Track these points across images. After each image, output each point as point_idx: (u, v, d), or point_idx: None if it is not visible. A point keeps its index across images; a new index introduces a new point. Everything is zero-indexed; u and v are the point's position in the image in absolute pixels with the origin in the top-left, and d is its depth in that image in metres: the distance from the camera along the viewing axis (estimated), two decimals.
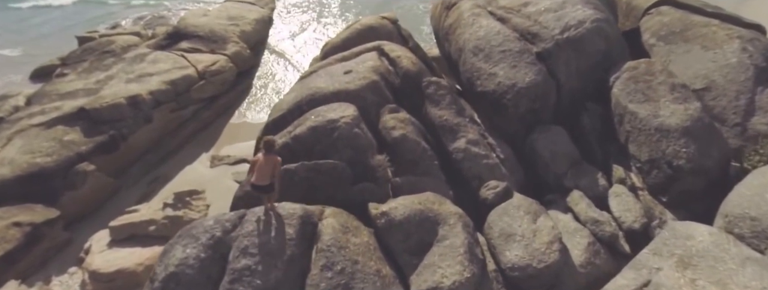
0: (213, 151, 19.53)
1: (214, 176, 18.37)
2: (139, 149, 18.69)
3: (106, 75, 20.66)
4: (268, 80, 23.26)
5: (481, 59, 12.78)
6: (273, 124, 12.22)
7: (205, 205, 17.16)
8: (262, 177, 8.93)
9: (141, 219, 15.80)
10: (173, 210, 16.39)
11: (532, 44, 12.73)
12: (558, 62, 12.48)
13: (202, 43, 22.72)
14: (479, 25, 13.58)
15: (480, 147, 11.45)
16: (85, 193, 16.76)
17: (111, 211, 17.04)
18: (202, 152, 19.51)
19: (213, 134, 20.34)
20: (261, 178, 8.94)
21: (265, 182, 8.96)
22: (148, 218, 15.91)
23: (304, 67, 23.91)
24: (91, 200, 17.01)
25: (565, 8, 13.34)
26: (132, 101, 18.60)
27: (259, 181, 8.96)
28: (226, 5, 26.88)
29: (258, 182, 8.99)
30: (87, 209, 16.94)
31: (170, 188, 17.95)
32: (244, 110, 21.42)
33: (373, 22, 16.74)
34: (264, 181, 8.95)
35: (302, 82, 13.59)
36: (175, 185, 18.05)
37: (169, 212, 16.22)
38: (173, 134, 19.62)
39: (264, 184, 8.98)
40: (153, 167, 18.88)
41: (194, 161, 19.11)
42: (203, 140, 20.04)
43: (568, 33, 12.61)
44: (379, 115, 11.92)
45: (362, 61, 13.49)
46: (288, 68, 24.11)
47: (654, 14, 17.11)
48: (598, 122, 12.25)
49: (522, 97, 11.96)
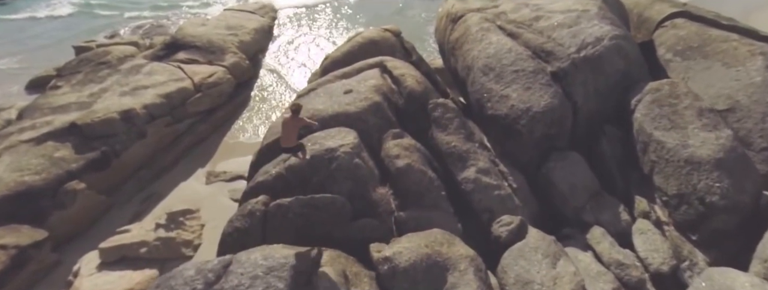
0: (209, 166, 18.20)
1: (210, 194, 17.08)
2: (132, 166, 17.37)
3: (100, 88, 19.32)
4: (268, 92, 21.87)
5: (492, 79, 11.41)
6: (267, 149, 10.92)
7: (200, 225, 15.91)
8: (287, 140, 9.05)
9: (132, 241, 14.71)
10: (166, 231, 15.19)
11: (547, 63, 11.36)
12: (575, 83, 11.11)
13: (199, 53, 21.37)
14: (489, 41, 12.20)
15: (491, 176, 10.11)
16: (75, 212, 15.48)
17: (102, 231, 15.78)
18: (198, 167, 18.18)
19: (209, 148, 18.99)
20: (287, 140, 9.06)
21: (291, 144, 9.10)
22: (140, 239, 14.79)
23: (304, 79, 22.61)
24: (81, 220, 15.71)
25: (580, 23, 11.98)
26: (125, 115, 17.29)
27: (285, 143, 9.12)
28: (226, 14, 25.50)
29: (285, 144, 9.15)
30: (77, 230, 15.65)
31: (164, 207, 16.68)
32: (240, 127, 19.98)
33: (374, 35, 15.41)
34: (290, 143, 9.08)
35: (300, 101, 12.27)
36: (169, 203, 16.78)
37: (162, 234, 15.04)
38: (168, 149, 18.29)
39: (290, 146, 9.14)
40: (146, 183, 17.55)
41: (189, 178, 17.79)
42: (199, 155, 18.70)
43: (585, 51, 11.25)
44: (382, 140, 10.62)
45: (364, 79, 12.17)
46: (287, 80, 22.71)
47: (668, 27, 15.76)
48: (619, 148, 10.91)
49: (537, 122, 10.59)
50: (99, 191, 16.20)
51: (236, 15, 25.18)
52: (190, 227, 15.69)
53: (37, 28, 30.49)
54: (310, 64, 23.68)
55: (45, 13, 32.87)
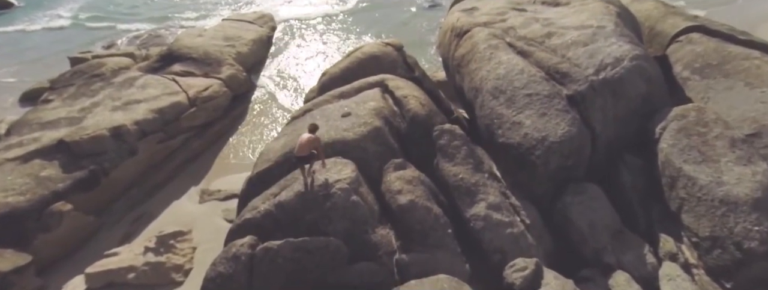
0: (203, 184, 16.97)
1: (203, 214, 15.86)
2: (122, 184, 16.16)
3: (92, 102, 18.09)
4: (265, 105, 20.64)
5: (503, 104, 10.15)
6: (258, 178, 9.72)
7: (191, 248, 14.72)
8: (301, 150, 9.13)
9: (119, 265, 13.68)
10: (155, 255, 14.05)
11: (562, 85, 10.11)
12: (593, 108, 9.85)
13: (195, 65, 20.14)
14: (498, 60, 10.94)
15: (502, 212, 8.88)
16: (61, 235, 14.30)
17: (89, 254, 14.62)
18: (191, 185, 16.94)
19: (203, 165, 17.75)
20: (301, 151, 9.14)
21: (304, 153, 9.18)
22: (128, 264, 13.75)
23: (302, 91, 21.38)
24: (67, 243, 14.53)
25: (596, 41, 10.74)
26: (115, 132, 16.07)
27: (299, 153, 9.17)
28: (224, 24, 24.23)
29: (299, 154, 9.19)
30: (63, 253, 14.48)
31: (155, 227, 15.49)
32: (236, 143, 18.69)
33: (375, 50, 14.18)
34: (303, 153, 9.16)
35: (294, 124, 11.04)
36: (161, 224, 15.58)
37: (151, 258, 13.93)
38: (160, 166, 17.06)
39: (303, 155, 9.18)
40: (137, 203, 16.32)
41: (182, 196, 16.56)
42: (192, 172, 17.46)
43: (604, 73, 10.00)
44: (383, 171, 9.42)
45: (363, 100, 10.95)
46: (285, 93, 21.47)
47: (684, 42, 14.51)
48: (640, 179, 9.68)
49: (553, 153, 9.31)
50: (87, 212, 15.02)
51: (234, 25, 23.93)
52: (181, 250, 14.52)
53: (32, 40, 29.10)
54: (309, 76, 22.39)
55: (40, 25, 31.40)
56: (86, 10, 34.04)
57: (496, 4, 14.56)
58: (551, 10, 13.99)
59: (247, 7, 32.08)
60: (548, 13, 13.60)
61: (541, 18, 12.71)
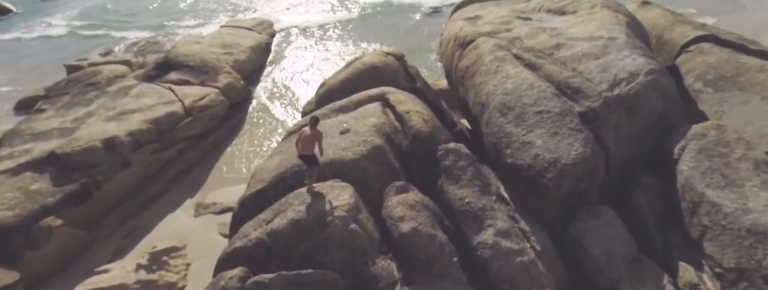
0: (198, 197, 16.18)
1: (198, 228, 15.09)
2: (115, 197, 15.39)
3: (86, 111, 17.34)
4: (263, 114, 19.85)
5: (512, 121, 9.38)
6: (251, 200, 8.96)
7: (185, 264, 13.96)
8: (306, 148, 8.67)
9: (110, 284, 12.93)
10: (147, 273, 13.29)
11: (574, 101, 9.33)
12: (607, 126, 9.07)
13: (192, 74, 19.38)
14: (505, 74, 10.17)
15: (511, 239, 8.12)
16: (51, 251, 13.56)
17: (80, 270, 13.86)
18: (186, 197, 16.16)
19: (199, 176, 16.96)
20: (306, 148, 8.67)
21: (310, 152, 8.68)
22: (119, 282, 13.00)
23: (301, 99, 20.61)
24: (57, 259, 13.78)
25: (608, 54, 9.97)
26: (108, 143, 15.32)
27: (304, 151, 8.69)
28: (222, 31, 23.45)
29: (304, 152, 8.71)
30: (53, 269, 13.72)
31: (149, 242, 14.73)
32: (233, 153, 17.87)
33: (375, 61, 13.41)
34: (309, 151, 8.66)
35: (290, 141, 10.26)
36: (154, 238, 14.82)
37: (143, 276, 13.18)
38: (154, 178, 16.28)
39: (309, 154, 8.68)
40: (130, 216, 15.54)
41: (176, 209, 15.77)
42: (188, 184, 16.68)
43: (618, 89, 9.23)
44: (383, 193, 8.66)
45: (363, 115, 10.19)
46: (283, 103, 20.66)
47: (694, 52, 13.75)
48: (657, 202, 8.92)
49: (566, 175, 8.50)
50: (78, 226, 14.28)
51: (232, 32, 23.16)
52: (174, 267, 13.77)
53: (29, 47, 28.16)
54: (307, 85, 21.60)
55: (37, 33, 30.37)
56: (84, 16, 33.11)
57: (500, 12, 13.82)
58: (557, 18, 13.25)
59: (247, 14, 31.27)
60: (554, 22, 12.85)
61: (547, 28, 11.95)
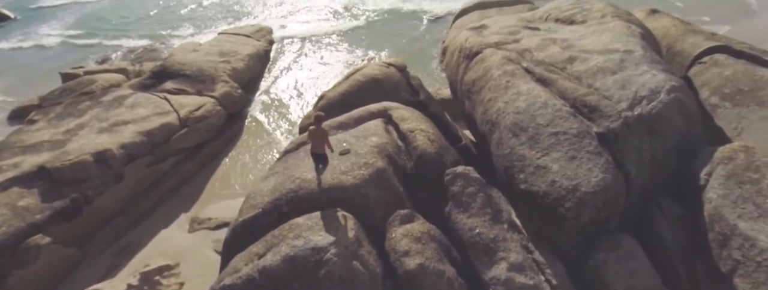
0: (193, 211, 15.30)
1: (192, 245, 14.21)
2: (106, 213, 14.51)
3: (78, 123, 16.46)
4: (261, 124, 18.97)
5: (525, 143, 8.48)
6: (243, 228, 8.09)
7: (178, 283, 13.12)
8: (318, 146, 8.69)
9: None
10: None
11: (591, 121, 8.46)
12: (627, 149, 8.18)
13: (188, 83, 18.52)
14: (516, 90, 9.28)
15: (525, 273, 7.27)
16: (39, 271, 12.71)
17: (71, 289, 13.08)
18: (181, 212, 15.27)
19: (194, 189, 16.08)
20: (318, 147, 8.70)
21: (322, 150, 8.73)
22: None
23: (300, 108, 19.75)
24: (45, 279, 12.93)
25: (626, 69, 9.11)
26: (99, 157, 14.45)
27: (317, 150, 8.74)
28: (220, 38, 22.57)
29: (316, 151, 8.76)
30: (42, 289, 12.89)
31: (141, 259, 13.88)
32: (230, 165, 16.94)
33: (376, 72, 12.55)
34: (321, 150, 8.71)
35: (285, 161, 9.38)
36: (147, 256, 13.96)
37: None
38: (148, 191, 15.41)
39: (321, 152, 8.74)
40: (123, 232, 14.67)
41: (170, 225, 14.90)
42: (182, 198, 15.79)
43: (639, 108, 8.34)
44: (386, 219, 7.81)
45: (364, 134, 9.32)
46: (283, 111, 19.78)
47: (708, 64, 12.91)
48: (681, 231, 8.07)
49: (586, 205, 7.60)
50: (68, 243, 13.42)
51: (230, 39, 22.27)
52: (167, 286, 12.94)
53: (26, 55, 26.99)
54: (306, 94, 20.74)
55: (35, 41, 29.14)
56: (82, 23, 31.94)
57: (506, 22, 12.96)
58: (566, 28, 12.40)
59: (247, 20, 30.30)
60: (564, 32, 12.00)
61: (557, 39, 11.09)
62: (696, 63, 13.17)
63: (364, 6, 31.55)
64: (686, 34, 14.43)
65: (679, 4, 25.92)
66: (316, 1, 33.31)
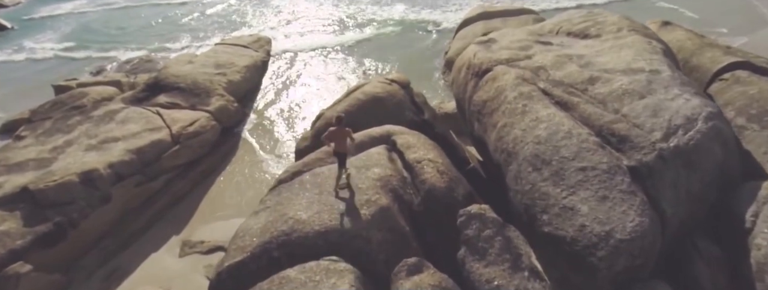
0: (185, 233, 14.12)
1: (182, 269, 13.07)
2: (93, 236, 13.37)
3: (66, 139, 15.31)
4: (258, 139, 17.84)
5: (548, 179, 7.31)
6: (228, 274, 6.96)
7: None
8: (341, 146, 8.40)
9: None
10: None
11: (620, 152, 7.31)
12: (663, 185, 7.04)
13: (182, 96, 17.38)
14: (535, 115, 8.12)
15: None
16: None
17: None
18: (172, 234, 14.09)
19: (186, 210, 14.88)
20: (341, 146, 8.40)
21: (345, 149, 8.45)
22: None
23: (297, 125, 18.61)
24: None
25: (655, 92, 7.98)
26: (86, 177, 13.29)
27: (340, 149, 8.43)
28: (216, 49, 21.40)
29: (340, 150, 8.44)
30: None
31: (130, 285, 12.76)
32: (224, 183, 15.73)
33: (378, 91, 11.42)
34: (343, 148, 8.42)
35: (278, 193, 8.23)
36: (136, 281, 12.84)
37: None
38: (137, 212, 14.28)
39: (345, 151, 8.44)
40: (110, 255, 13.50)
41: (161, 248, 13.72)
42: (174, 219, 14.60)
43: (675, 139, 7.22)
44: (390, 265, 6.69)
45: (365, 164, 8.19)
46: (281, 124, 18.67)
47: (730, 82, 11.79)
48: (719, 274, 6.97)
49: (621, 254, 6.45)
50: (51, 269, 12.29)
51: (227, 50, 21.13)
52: None
53: (21, 67, 25.70)
54: (305, 107, 19.57)
55: (29, 53, 27.65)
56: (78, 34, 30.61)
57: (516, 35, 11.87)
58: (580, 43, 11.30)
59: (246, 30, 29.04)
60: (578, 47, 10.90)
61: (573, 55, 9.99)
62: (716, 80, 12.09)
63: (365, 15, 30.48)
64: (703, 48, 13.34)
65: (693, 15, 24.73)
66: (315, 11, 32.24)
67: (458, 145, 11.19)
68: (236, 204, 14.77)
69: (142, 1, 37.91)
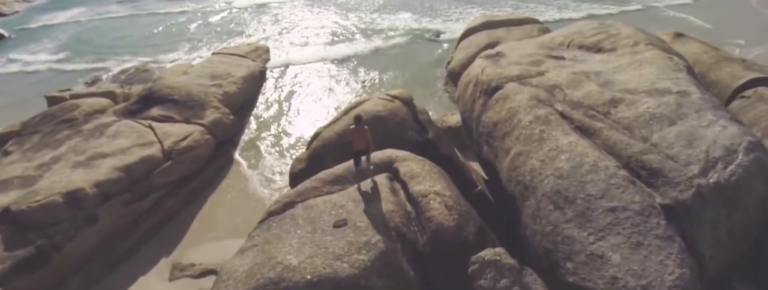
0: (175, 255, 13.09)
1: None
2: (78, 259, 12.32)
3: (53, 156, 14.29)
4: (254, 153, 16.83)
5: (572, 220, 6.25)
6: None
7: None
8: (360, 144, 8.28)
9: None
10: None
11: (652, 187, 6.34)
12: (701, 226, 6.04)
13: (176, 109, 16.37)
14: (554, 144, 7.09)
15: None
16: None
17: None
18: (162, 256, 13.06)
19: (177, 229, 13.85)
20: (359, 144, 8.28)
21: (364, 147, 8.35)
22: None
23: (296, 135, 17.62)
24: None
25: (686, 117, 7.00)
26: (70, 197, 12.28)
27: (359, 146, 8.31)
28: (213, 59, 20.40)
29: (359, 147, 8.32)
30: None
31: None
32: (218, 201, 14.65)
33: (379, 109, 10.39)
34: (363, 146, 8.31)
35: (267, 228, 7.22)
36: None
37: None
38: (125, 232, 13.26)
39: (364, 148, 8.34)
40: (97, 279, 12.45)
41: (150, 271, 12.69)
42: (164, 239, 13.57)
43: (715, 174, 6.23)
44: None
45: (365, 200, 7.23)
46: (278, 137, 17.65)
47: (753, 99, 10.79)
48: None
49: None
50: None
51: (224, 60, 20.11)
52: None
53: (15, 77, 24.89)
54: (302, 120, 18.52)
55: (23, 63, 26.47)
56: (75, 43, 29.47)
57: (525, 49, 10.88)
58: (594, 58, 10.32)
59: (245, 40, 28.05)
60: (593, 63, 9.91)
61: (590, 72, 9.00)
62: (737, 97, 11.13)
63: (366, 24, 29.50)
64: (721, 63, 12.38)
65: (706, 25, 23.59)
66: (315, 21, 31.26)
67: (464, 166, 10.19)
68: (230, 224, 13.76)
69: (141, 10, 36.94)
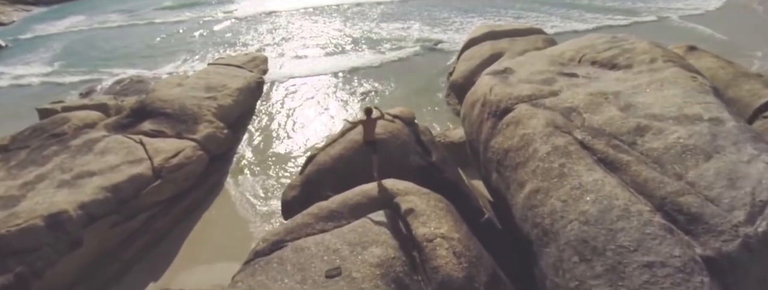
0: (164, 280, 12.09)
1: None
2: (61, 285, 11.42)
3: (38, 174, 13.33)
4: (249, 167, 15.91)
5: (601, 276, 5.21)
6: None
7: None
8: (369, 135, 8.28)
9: None
10: None
11: (689, 234, 5.42)
12: (748, 282, 5.07)
13: (168, 123, 15.43)
14: (577, 181, 6.06)
15: None
16: None
17: None
18: (150, 281, 12.06)
19: (168, 250, 12.88)
20: (370, 134, 8.28)
21: (374, 138, 8.34)
22: None
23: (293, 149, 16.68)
24: None
25: (723, 151, 6.06)
26: (52, 220, 11.31)
27: (370, 137, 8.29)
28: (209, 70, 19.43)
29: (370, 138, 8.30)
30: None
31: None
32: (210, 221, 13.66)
33: (379, 131, 9.41)
34: (372, 137, 8.30)
35: (252, 273, 6.19)
36: None
37: None
38: (112, 255, 12.32)
39: (373, 140, 8.32)
40: None
41: None
42: (153, 262, 12.59)
43: (764, 222, 5.30)
44: None
45: (361, 239, 6.20)
46: (274, 151, 16.68)
47: None
48: None
49: None
50: None
51: (220, 71, 19.15)
52: None
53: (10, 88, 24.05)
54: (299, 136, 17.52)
55: (14, 77, 25.29)
56: (71, 53, 28.57)
57: (535, 65, 9.95)
58: (609, 75, 9.38)
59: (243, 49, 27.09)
60: (608, 81, 8.98)
61: (608, 93, 8.06)
62: (759, 116, 10.20)
63: (365, 34, 28.60)
64: (739, 79, 11.45)
65: (721, 36, 22.43)
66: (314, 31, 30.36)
67: (470, 193, 9.25)
68: (222, 246, 12.79)
69: (139, 20, 36.08)
